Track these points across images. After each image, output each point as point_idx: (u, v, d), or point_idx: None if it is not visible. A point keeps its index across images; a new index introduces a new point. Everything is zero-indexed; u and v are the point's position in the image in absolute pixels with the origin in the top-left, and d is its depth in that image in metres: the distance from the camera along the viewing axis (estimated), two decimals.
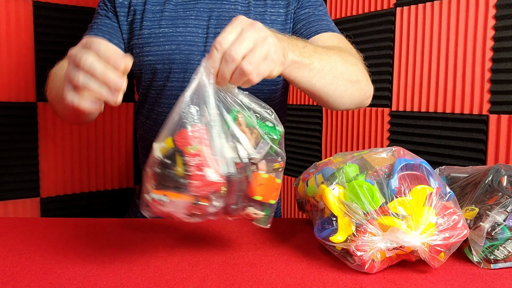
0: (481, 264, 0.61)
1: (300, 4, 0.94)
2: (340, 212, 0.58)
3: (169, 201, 0.51)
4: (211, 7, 0.89)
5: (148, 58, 0.89)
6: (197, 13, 0.89)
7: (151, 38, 0.88)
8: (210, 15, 0.89)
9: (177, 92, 0.89)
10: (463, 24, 1.18)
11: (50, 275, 0.58)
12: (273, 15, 0.91)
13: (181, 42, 0.87)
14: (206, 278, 0.57)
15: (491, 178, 0.64)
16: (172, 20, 0.88)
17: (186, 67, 0.88)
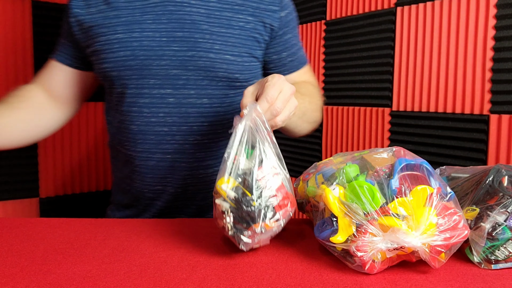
0: (482, 264, 0.61)
1: (282, 23, 0.91)
2: (340, 212, 0.58)
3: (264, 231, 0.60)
4: (170, 9, 0.85)
5: (104, 66, 0.86)
6: (155, 17, 0.85)
7: (106, 45, 0.85)
8: (169, 18, 0.85)
9: (136, 99, 0.86)
10: (464, 24, 1.18)
11: (50, 275, 0.57)
12: (240, 21, 0.88)
13: (136, 48, 0.84)
14: (206, 279, 0.57)
15: (492, 178, 0.64)
16: (128, 25, 0.85)
17: (142, 73, 0.85)
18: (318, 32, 1.76)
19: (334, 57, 1.66)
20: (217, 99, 0.89)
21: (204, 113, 0.89)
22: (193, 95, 0.87)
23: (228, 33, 0.86)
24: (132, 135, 0.89)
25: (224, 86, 0.88)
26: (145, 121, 0.87)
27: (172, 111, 0.87)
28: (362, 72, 1.50)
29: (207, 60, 0.85)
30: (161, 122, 0.87)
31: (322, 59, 1.74)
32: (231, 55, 0.86)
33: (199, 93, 0.87)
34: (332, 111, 1.68)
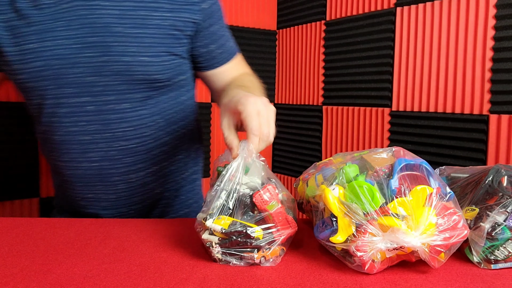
0: (481, 264, 0.61)
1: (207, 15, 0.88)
2: (340, 212, 0.58)
3: (264, 261, 0.61)
4: (82, 14, 0.81)
5: (19, 77, 0.83)
6: (67, 23, 0.81)
7: (19, 55, 0.81)
8: (81, 23, 0.81)
9: (55, 109, 0.84)
10: (464, 24, 1.18)
11: (50, 275, 0.57)
12: (156, 19, 0.84)
13: (49, 57, 0.80)
14: (206, 279, 0.57)
15: (491, 178, 0.64)
16: (40, 34, 0.81)
17: (59, 82, 0.82)
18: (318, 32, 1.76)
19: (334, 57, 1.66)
20: (139, 102, 0.86)
21: (127, 118, 0.86)
22: (112, 101, 0.84)
23: (143, 33, 0.83)
24: (56, 145, 0.87)
25: (144, 88, 0.85)
26: (66, 131, 0.85)
27: (92, 119, 0.84)
28: (362, 72, 1.51)
29: (122, 64, 0.82)
30: (83, 131, 0.85)
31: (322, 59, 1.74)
32: (147, 56, 0.83)
33: (119, 98, 0.84)
34: (332, 111, 1.68)
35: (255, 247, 0.59)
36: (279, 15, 2.08)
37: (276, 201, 0.61)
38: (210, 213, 0.62)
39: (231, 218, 0.61)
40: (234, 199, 0.62)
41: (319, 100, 1.78)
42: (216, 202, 0.62)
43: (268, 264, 0.61)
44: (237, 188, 0.62)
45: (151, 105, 0.88)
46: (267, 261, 0.61)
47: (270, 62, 2.16)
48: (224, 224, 0.60)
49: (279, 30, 2.09)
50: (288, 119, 2.03)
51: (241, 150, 0.65)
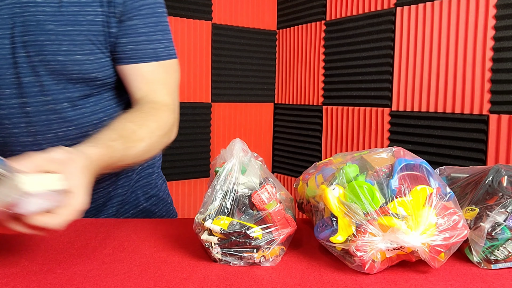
0: (481, 264, 0.61)
1: (126, 7, 0.82)
2: (340, 212, 0.58)
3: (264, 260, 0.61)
4: (16, 12, 0.77)
5: None
6: (1, 21, 0.77)
7: None
8: (14, 21, 0.77)
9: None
10: (464, 24, 1.18)
11: (50, 275, 0.57)
12: (89, 15, 0.80)
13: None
14: (206, 278, 0.57)
15: (491, 178, 0.64)
16: None
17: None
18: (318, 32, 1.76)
19: (334, 57, 1.66)
20: (79, 101, 0.83)
21: (68, 118, 0.83)
22: (50, 101, 0.81)
23: (76, 31, 0.79)
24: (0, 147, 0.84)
25: (83, 87, 0.83)
26: (8, 132, 0.82)
27: (33, 120, 0.81)
28: (362, 72, 1.50)
29: (56, 63, 0.79)
30: (24, 133, 0.82)
31: (322, 59, 1.74)
32: (81, 54, 0.79)
33: (57, 98, 0.81)
34: (332, 111, 1.68)
35: (254, 247, 0.60)
36: (279, 15, 2.08)
37: (274, 201, 0.61)
38: (209, 214, 0.62)
39: (230, 218, 0.61)
40: (232, 199, 0.62)
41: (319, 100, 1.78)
42: (213, 202, 0.62)
43: (268, 264, 0.61)
44: (235, 188, 0.62)
45: (92, 103, 0.85)
46: (267, 260, 0.61)
47: (270, 62, 2.16)
48: (223, 224, 0.60)
49: (279, 30, 2.09)
50: (288, 119, 2.03)
51: (235, 149, 0.65)
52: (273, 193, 0.62)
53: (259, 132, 2.23)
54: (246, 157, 0.65)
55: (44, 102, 0.81)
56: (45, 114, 0.82)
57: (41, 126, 0.82)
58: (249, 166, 0.65)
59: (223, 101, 2.10)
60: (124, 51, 0.83)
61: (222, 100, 2.14)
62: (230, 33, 2.07)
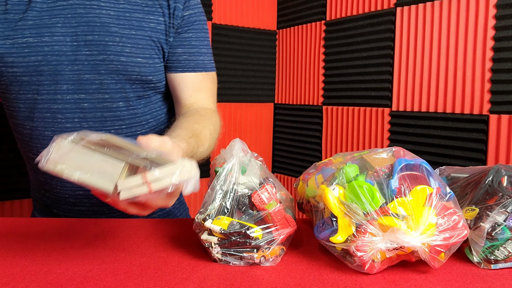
0: (481, 264, 0.61)
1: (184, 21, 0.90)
2: (340, 212, 0.58)
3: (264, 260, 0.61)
4: (80, 12, 0.82)
5: (13, 70, 0.82)
6: (64, 20, 0.82)
7: (13, 48, 0.81)
8: (78, 21, 0.82)
9: (50, 105, 0.84)
10: (464, 24, 1.18)
11: (50, 275, 0.57)
12: (152, 22, 0.86)
13: (48, 53, 0.81)
14: (206, 278, 0.57)
15: (491, 178, 0.64)
16: (37, 29, 0.81)
17: (56, 78, 0.82)
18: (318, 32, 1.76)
19: (334, 57, 1.66)
20: (133, 101, 0.88)
21: (121, 116, 0.87)
22: (107, 99, 0.85)
23: (139, 35, 0.85)
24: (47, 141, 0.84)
25: (138, 88, 0.88)
26: (60, 127, 0.85)
27: (87, 116, 0.85)
28: (362, 72, 1.50)
29: (118, 63, 0.84)
30: (77, 128, 0.85)
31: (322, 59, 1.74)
32: (142, 57, 0.85)
33: (114, 97, 0.86)
34: (332, 111, 1.68)
35: (254, 247, 0.60)
36: (279, 15, 2.08)
37: (274, 201, 0.61)
38: (209, 214, 0.62)
39: (230, 218, 0.61)
40: (232, 199, 0.62)
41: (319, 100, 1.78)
42: (213, 202, 0.62)
43: (268, 264, 0.61)
44: (235, 188, 0.62)
45: (143, 104, 0.90)
46: (267, 260, 0.61)
47: (270, 62, 2.16)
48: (223, 224, 0.60)
49: (279, 30, 2.09)
50: (288, 119, 2.03)
51: (235, 149, 0.65)
52: (273, 193, 0.62)
53: (259, 132, 2.23)
54: (246, 157, 0.65)
55: (101, 100, 0.85)
56: (101, 111, 0.86)
57: (94, 122, 0.86)
58: (249, 166, 0.65)
59: (223, 101, 2.10)
60: (179, 60, 0.91)
61: (222, 100, 2.14)
62: (230, 33, 2.07)
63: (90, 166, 0.49)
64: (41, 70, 0.82)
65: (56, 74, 0.82)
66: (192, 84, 0.93)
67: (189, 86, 0.92)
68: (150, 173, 0.47)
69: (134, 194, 0.48)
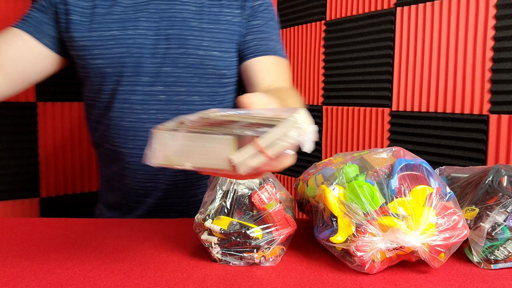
0: (481, 264, 0.61)
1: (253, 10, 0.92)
2: (340, 212, 0.58)
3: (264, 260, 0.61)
4: (162, 8, 0.88)
5: (97, 62, 0.86)
6: (148, 15, 0.87)
7: (99, 41, 0.85)
8: (161, 16, 0.87)
9: (129, 96, 0.87)
10: (464, 24, 1.18)
11: (50, 275, 0.57)
12: (228, 15, 0.90)
13: (131, 45, 0.85)
14: (206, 278, 0.57)
15: (491, 178, 0.64)
16: (122, 23, 0.86)
17: (137, 70, 0.86)
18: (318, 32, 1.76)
19: (334, 57, 1.66)
20: (208, 97, 0.90)
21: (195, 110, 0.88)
22: (183, 92, 0.88)
23: (216, 29, 0.88)
24: (123, 131, 0.90)
25: (213, 84, 0.90)
26: (136, 117, 0.88)
27: (163, 108, 0.88)
28: (362, 72, 1.50)
29: (196, 57, 0.87)
30: (152, 119, 0.88)
31: (322, 59, 1.74)
32: (218, 51, 0.88)
33: (190, 90, 0.88)
34: (332, 111, 1.68)
35: (254, 247, 0.60)
36: (279, 15, 2.08)
37: (274, 201, 0.61)
38: (208, 214, 0.62)
39: (230, 218, 0.61)
40: (232, 199, 0.62)
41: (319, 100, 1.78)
42: (213, 202, 0.62)
43: (268, 264, 0.61)
44: (235, 188, 0.62)
45: (217, 102, 0.92)
46: (267, 261, 0.61)
47: None
48: (223, 224, 0.60)
49: None
50: None
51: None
52: (273, 193, 0.62)
53: None
54: None
55: (177, 93, 0.88)
56: (176, 104, 0.89)
57: (169, 114, 0.89)
58: None
59: None
60: (249, 47, 0.92)
61: None
62: None
63: (198, 150, 0.45)
64: (124, 61, 0.85)
65: (137, 66, 0.86)
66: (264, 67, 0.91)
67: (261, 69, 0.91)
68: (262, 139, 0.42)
69: (251, 166, 0.42)
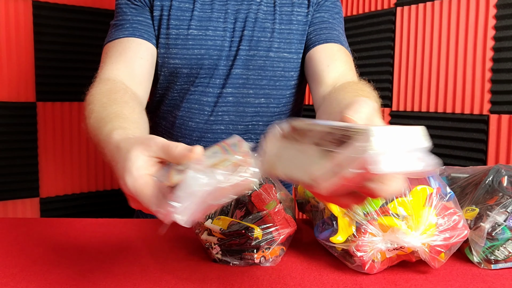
0: (481, 264, 0.61)
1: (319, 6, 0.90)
2: (340, 212, 0.58)
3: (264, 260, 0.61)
4: (238, 8, 0.85)
5: (174, 61, 0.83)
6: (225, 15, 0.84)
7: (179, 39, 0.82)
8: (236, 17, 0.84)
9: (199, 96, 0.86)
10: (464, 24, 1.18)
11: (50, 275, 0.57)
12: (299, 15, 0.87)
13: (210, 47, 0.83)
14: (206, 278, 0.57)
15: (491, 178, 0.64)
16: (202, 22, 0.83)
17: (213, 72, 0.84)
18: None
19: None
20: (274, 99, 0.89)
21: (261, 113, 0.89)
22: (251, 95, 0.87)
23: (288, 30, 0.86)
24: (189, 131, 0.89)
25: (281, 86, 0.88)
26: (204, 119, 0.87)
27: (230, 109, 0.87)
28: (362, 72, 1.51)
29: (266, 59, 0.85)
30: (219, 121, 0.87)
31: None
32: (288, 52, 0.86)
33: (257, 93, 0.87)
34: None
35: (254, 247, 0.59)
36: None
37: (274, 201, 0.61)
38: (208, 214, 0.62)
39: (230, 218, 0.61)
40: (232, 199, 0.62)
41: None
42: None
43: (268, 264, 0.61)
44: None
45: (282, 104, 0.91)
46: (267, 261, 0.61)
47: None
48: (223, 224, 0.60)
49: None
50: None
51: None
52: (273, 193, 0.62)
53: None
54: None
55: (245, 95, 0.87)
56: (242, 106, 0.87)
57: (236, 116, 0.88)
58: None
59: None
60: (310, 38, 0.88)
61: None
62: None
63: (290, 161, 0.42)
64: (202, 63, 0.83)
65: (214, 68, 0.84)
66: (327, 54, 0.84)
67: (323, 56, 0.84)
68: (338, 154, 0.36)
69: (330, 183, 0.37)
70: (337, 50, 0.85)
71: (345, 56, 0.86)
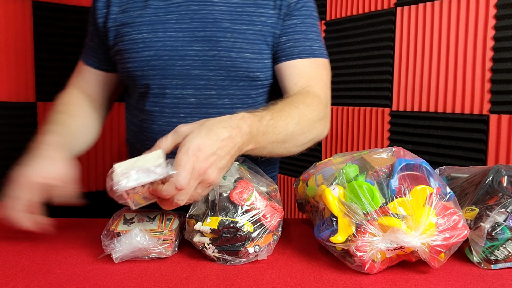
0: (481, 264, 0.61)
1: (290, 9, 0.88)
2: (340, 212, 0.58)
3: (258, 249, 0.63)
4: (193, 9, 0.85)
5: (128, 65, 0.86)
6: (178, 17, 0.85)
7: (130, 44, 0.85)
8: (192, 18, 0.84)
9: (159, 99, 0.86)
10: (464, 24, 1.18)
11: (50, 275, 0.57)
12: (263, 16, 0.86)
13: (160, 48, 0.84)
14: (206, 278, 0.57)
15: (491, 179, 0.64)
16: (152, 25, 0.84)
17: (165, 73, 0.85)
18: None
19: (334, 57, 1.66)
20: (238, 100, 0.88)
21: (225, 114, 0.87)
22: (214, 96, 0.86)
23: (249, 30, 0.85)
24: (153, 134, 0.89)
25: (245, 86, 0.88)
26: (166, 121, 0.87)
27: (193, 111, 0.86)
28: (362, 72, 1.50)
29: (228, 59, 0.85)
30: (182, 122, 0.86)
31: None
32: (251, 53, 0.86)
33: (220, 94, 0.86)
34: (332, 111, 1.68)
35: (246, 238, 0.60)
36: None
37: (252, 192, 0.63)
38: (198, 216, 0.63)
39: (219, 217, 0.61)
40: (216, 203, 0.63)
41: None
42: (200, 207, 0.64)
43: (263, 253, 0.62)
44: (218, 191, 0.63)
45: (248, 105, 0.90)
46: (261, 250, 0.61)
47: None
48: (213, 224, 0.61)
49: None
50: None
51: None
52: (250, 186, 0.63)
53: None
54: None
55: (207, 96, 0.86)
56: (206, 107, 0.87)
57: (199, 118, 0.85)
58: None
59: None
60: (283, 49, 0.88)
61: None
62: None
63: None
64: (153, 65, 0.84)
65: (166, 69, 0.84)
66: (297, 71, 0.87)
67: (294, 73, 0.87)
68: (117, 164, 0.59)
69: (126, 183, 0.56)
70: (308, 65, 0.88)
71: (317, 71, 0.89)
